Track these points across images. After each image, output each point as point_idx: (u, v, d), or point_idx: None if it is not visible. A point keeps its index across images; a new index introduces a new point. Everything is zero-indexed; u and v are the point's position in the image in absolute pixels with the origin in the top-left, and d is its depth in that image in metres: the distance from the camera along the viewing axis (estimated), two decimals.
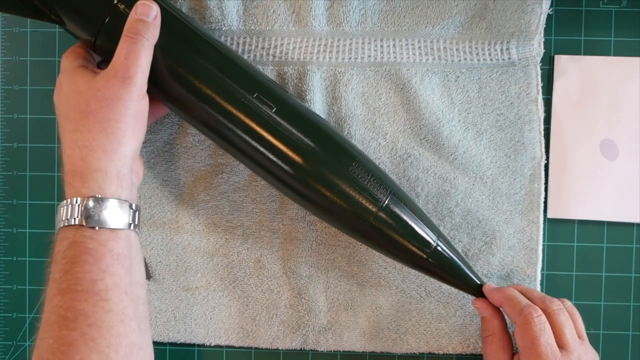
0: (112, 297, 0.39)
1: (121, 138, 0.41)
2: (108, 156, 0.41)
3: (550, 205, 0.53)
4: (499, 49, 0.51)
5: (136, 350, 0.39)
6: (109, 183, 0.41)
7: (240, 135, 0.44)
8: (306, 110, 0.47)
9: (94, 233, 0.40)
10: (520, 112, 0.52)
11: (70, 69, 0.44)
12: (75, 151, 0.41)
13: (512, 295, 0.45)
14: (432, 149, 0.52)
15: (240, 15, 0.51)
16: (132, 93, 0.41)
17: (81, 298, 0.38)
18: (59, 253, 0.40)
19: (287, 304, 0.53)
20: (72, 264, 0.39)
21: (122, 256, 0.40)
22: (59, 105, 0.43)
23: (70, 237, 0.40)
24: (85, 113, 0.41)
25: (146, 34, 0.42)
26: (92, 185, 0.41)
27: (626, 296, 0.53)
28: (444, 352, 0.52)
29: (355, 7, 0.51)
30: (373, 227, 0.45)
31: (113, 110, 0.41)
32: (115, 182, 0.41)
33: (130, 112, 0.42)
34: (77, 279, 0.39)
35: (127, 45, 0.42)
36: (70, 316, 0.38)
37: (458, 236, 0.52)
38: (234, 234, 0.53)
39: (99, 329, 0.38)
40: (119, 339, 0.39)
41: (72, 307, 0.38)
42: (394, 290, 0.52)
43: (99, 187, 0.41)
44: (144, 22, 0.42)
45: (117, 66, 0.42)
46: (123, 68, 0.41)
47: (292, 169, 0.44)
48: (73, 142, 0.41)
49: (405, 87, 0.51)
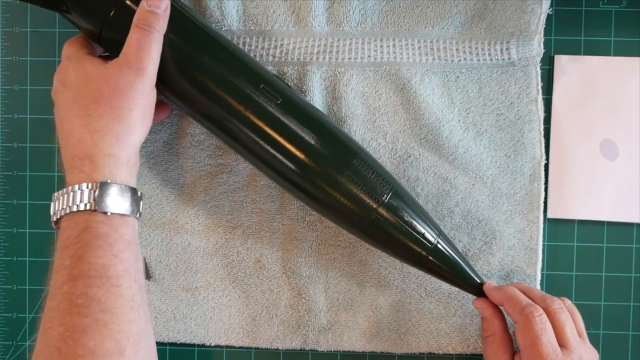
0: (123, 283, 0.39)
1: (132, 126, 0.42)
2: (120, 142, 0.41)
3: (550, 205, 0.53)
4: (498, 49, 0.51)
5: (144, 337, 0.39)
6: (119, 169, 0.41)
7: (246, 125, 0.44)
8: (310, 106, 0.47)
9: (106, 218, 0.40)
10: (520, 112, 0.52)
11: (77, 56, 0.44)
12: (87, 135, 0.41)
13: (512, 294, 0.45)
14: (432, 149, 0.52)
15: (240, 15, 0.51)
16: (145, 83, 0.42)
17: (94, 284, 0.38)
18: (70, 238, 0.39)
19: (287, 304, 0.53)
20: (84, 249, 0.39)
21: (132, 243, 0.41)
22: (64, 91, 0.43)
23: (82, 223, 0.40)
24: (96, 99, 0.41)
25: (157, 26, 0.43)
26: (104, 170, 0.41)
27: (626, 296, 0.53)
28: (444, 352, 0.52)
29: (355, 7, 0.51)
30: (373, 224, 0.45)
31: (126, 98, 0.41)
32: (125, 169, 0.42)
33: (142, 101, 0.42)
34: (89, 265, 0.38)
35: (138, 36, 0.42)
36: (82, 302, 0.37)
37: (458, 236, 0.52)
38: (234, 234, 0.53)
39: (112, 315, 0.38)
40: (130, 326, 0.38)
41: (85, 294, 0.38)
42: (394, 290, 0.52)
43: (110, 172, 0.41)
44: (155, 14, 0.43)
45: (129, 56, 0.42)
46: (136, 59, 0.42)
47: (295, 163, 0.44)
48: (84, 127, 0.41)
49: (405, 87, 0.51)
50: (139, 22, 0.42)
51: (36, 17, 0.55)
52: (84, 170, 0.41)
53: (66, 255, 0.39)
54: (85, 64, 0.43)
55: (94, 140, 0.41)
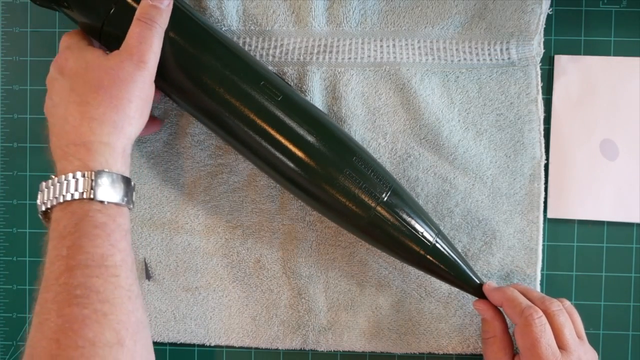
0: (121, 273, 0.39)
1: (130, 118, 0.42)
2: (117, 132, 0.41)
3: (550, 205, 0.53)
4: (498, 49, 0.51)
5: (142, 328, 0.39)
6: (115, 158, 0.41)
7: (245, 122, 0.45)
8: (310, 104, 0.47)
9: (103, 207, 0.40)
10: (520, 112, 0.52)
11: (78, 46, 0.44)
12: (84, 122, 0.41)
13: (512, 296, 0.45)
14: (432, 149, 0.52)
15: (240, 15, 0.51)
16: (145, 76, 0.42)
17: (93, 274, 0.38)
18: (67, 228, 0.39)
19: (287, 304, 0.53)
20: (82, 239, 0.38)
21: (128, 232, 0.41)
22: (61, 78, 0.43)
23: (79, 212, 0.39)
24: (96, 88, 0.41)
25: (160, 21, 0.43)
26: (99, 158, 0.40)
27: (626, 296, 0.53)
28: (444, 352, 0.52)
29: (355, 7, 0.51)
30: (372, 222, 0.45)
31: (126, 89, 0.41)
32: (121, 159, 0.41)
33: (141, 94, 0.42)
34: (88, 254, 0.38)
35: (140, 30, 0.42)
36: (80, 293, 0.37)
37: (458, 236, 0.52)
38: (234, 234, 0.53)
39: (111, 305, 0.37)
40: (129, 316, 0.38)
41: (83, 284, 0.37)
42: (394, 290, 0.52)
43: (106, 161, 0.40)
44: (157, 8, 0.43)
45: (131, 49, 0.42)
46: (138, 52, 0.42)
47: (294, 160, 0.45)
48: (81, 114, 0.41)
49: (405, 87, 0.51)
50: (142, 16, 0.43)
51: (36, 17, 0.55)
52: (80, 157, 0.40)
53: (63, 245, 0.38)
54: (86, 54, 0.43)
55: (92, 127, 0.40)
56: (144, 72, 0.42)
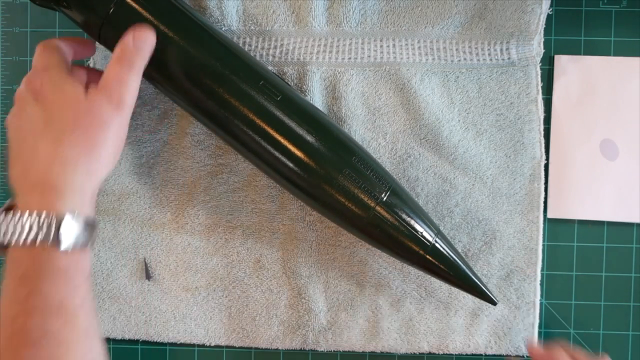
0: (80, 314, 0.38)
1: (106, 162, 0.41)
2: (89, 177, 0.40)
3: (550, 205, 0.53)
4: (498, 49, 0.51)
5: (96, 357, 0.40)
6: (84, 202, 0.40)
7: (244, 121, 0.44)
8: (309, 104, 0.47)
9: (68, 252, 0.39)
10: (520, 112, 0.52)
11: (57, 72, 0.42)
12: (56, 164, 0.39)
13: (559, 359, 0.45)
14: (432, 149, 0.52)
15: (240, 15, 0.51)
16: (123, 119, 0.42)
17: (51, 317, 0.37)
18: (28, 271, 0.38)
19: (287, 304, 0.53)
20: (43, 283, 0.38)
21: (89, 275, 0.40)
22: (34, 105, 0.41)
23: (42, 255, 0.38)
24: (73, 127, 0.40)
25: (140, 63, 0.42)
26: (68, 202, 0.39)
27: (626, 296, 0.53)
28: (444, 352, 0.52)
29: (355, 7, 0.51)
30: (372, 222, 0.45)
31: (103, 132, 0.41)
32: (89, 202, 0.41)
33: (117, 137, 0.41)
34: (47, 299, 0.37)
35: (120, 70, 0.41)
36: (37, 336, 0.37)
37: (458, 236, 0.52)
38: (234, 234, 0.53)
39: (67, 348, 0.37)
40: (84, 357, 0.38)
41: (41, 327, 0.37)
42: (394, 290, 0.52)
43: (74, 206, 0.39)
44: (140, 52, 0.42)
45: (110, 91, 0.41)
46: (117, 95, 0.41)
47: (293, 160, 0.44)
48: (54, 154, 0.39)
49: (405, 87, 0.51)
50: (123, 58, 0.41)
51: (36, 17, 0.55)
52: (48, 199, 0.39)
53: (23, 288, 0.38)
54: (65, 87, 0.41)
55: (65, 171, 0.39)
56: (122, 114, 0.41)
